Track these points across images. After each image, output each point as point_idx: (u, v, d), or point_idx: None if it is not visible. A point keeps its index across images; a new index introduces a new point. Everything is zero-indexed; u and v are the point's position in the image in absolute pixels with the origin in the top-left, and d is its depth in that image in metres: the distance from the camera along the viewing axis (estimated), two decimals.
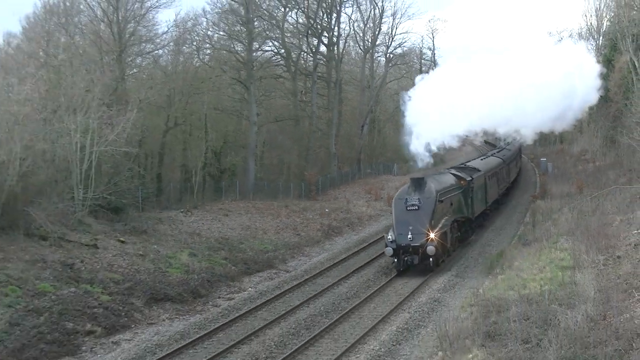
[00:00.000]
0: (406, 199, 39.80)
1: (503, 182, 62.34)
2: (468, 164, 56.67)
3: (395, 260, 39.31)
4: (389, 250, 39.00)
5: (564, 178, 64.97)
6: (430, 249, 38.43)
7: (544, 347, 20.36)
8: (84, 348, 28.06)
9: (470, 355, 21.57)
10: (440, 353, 23.43)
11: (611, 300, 24.18)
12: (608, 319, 22.45)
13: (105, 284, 34.03)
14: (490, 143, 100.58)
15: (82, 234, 40.02)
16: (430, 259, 38.87)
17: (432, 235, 38.80)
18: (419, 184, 40.31)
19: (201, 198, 59.53)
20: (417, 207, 39.34)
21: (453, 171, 49.19)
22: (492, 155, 67.17)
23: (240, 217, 53.98)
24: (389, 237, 39.49)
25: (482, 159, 62.61)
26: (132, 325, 31.02)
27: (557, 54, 43.02)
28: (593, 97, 45.57)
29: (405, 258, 38.95)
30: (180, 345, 28.07)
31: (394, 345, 27.33)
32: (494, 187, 56.58)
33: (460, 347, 22.91)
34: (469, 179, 47.82)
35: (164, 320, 32.28)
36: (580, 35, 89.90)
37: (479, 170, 51.84)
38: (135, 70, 65.84)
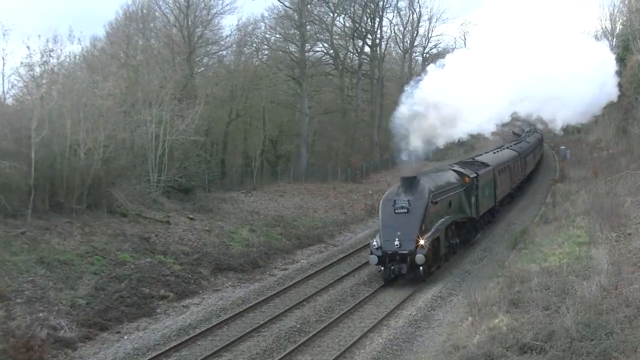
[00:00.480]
0: (395, 200, 32.15)
1: (517, 176, 54.48)
2: (477, 158, 48.19)
3: (382, 268, 31.76)
4: (374, 259, 31.45)
5: (580, 164, 64.07)
6: (420, 258, 30.58)
7: (562, 313, 20.26)
8: (158, 310, 28.42)
9: (497, 320, 21.51)
10: (470, 318, 23.40)
11: (622, 272, 23.99)
12: (619, 288, 22.28)
13: (176, 255, 34.41)
14: (517, 134, 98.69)
15: (157, 212, 40.43)
16: (421, 268, 30.94)
17: (422, 241, 31.00)
18: (410, 183, 32.57)
19: (259, 181, 59.74)
20: (406, 210, 31.70)
21: (456, 167, 41.19)
22: (507, 147, 58.37)
23: (293, 198, 54.13)
24: (374, 243, 31.85)
25: (494, 152, 53.73)
26: (200, 292, 31.33)
27: (586, 48, 39.13)
28: (614, 92, 41.67)
29: (392, 267, 31.24)
30: (241, 309, 28.32)
31: (429, 311, 27.32)
32: (505, 182, 48.71)
33: (487, 313, 22.87)
34: (474, 175, 39.90)
35: (227, 287, 32.52)
36: (596, 37, 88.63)
37: (487, 165, 44.29)
38: (202, 68, 66.18)
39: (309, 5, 70.44)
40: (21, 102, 40.19)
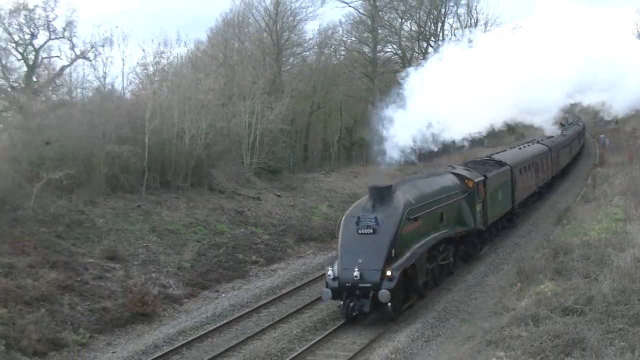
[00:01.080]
0: (359, 217, 22.05)
1: (546, 173, 44.69)
2: (494, 156, 37.37)
3: (342, 303, 21.56)
4: (326, 293, 21.57)
5: (618, 151, 62.06)
6: (384, 295, 20.52)
7: (600, 281, 19.84)
8: (250, 273, 28.94)
9: (542, 286, 21.19)
10: (519, 284, 23.13)
11: None
12: None
13: (265, 226, 34.86)
14: (563, 124, 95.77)
15: (249, 189, 40.92)
16: (389, 305, 20.74)
17: (389, 272, 21.00)
18: (380, 195, 22.41)
19: (337, 164, 59.83)
20: (372, 231, 21.72)
21: (458, 169, 30.37)
22: (537, 142, 48.05)
23: (365, 178, 53.74)
24: (330, 272, 21.95)
25: (519, 149, 43.69)
26: (286, 258, 31.71)
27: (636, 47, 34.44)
28: None
29: (351, 303, 21.19)
30: (321, 274, 28.46)
31: (482, 278, 27.07)
32: (529, 181, 39.04)
33: (534, 280, 22.55)
34: (480, 179, 29.54)
35: (308, 254, 32.84)
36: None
37: (503, 165, 34.48)
38: (288, 67, 66.33)
39: (380, 12, 70.05)
40: (137, 96, 41.22)
